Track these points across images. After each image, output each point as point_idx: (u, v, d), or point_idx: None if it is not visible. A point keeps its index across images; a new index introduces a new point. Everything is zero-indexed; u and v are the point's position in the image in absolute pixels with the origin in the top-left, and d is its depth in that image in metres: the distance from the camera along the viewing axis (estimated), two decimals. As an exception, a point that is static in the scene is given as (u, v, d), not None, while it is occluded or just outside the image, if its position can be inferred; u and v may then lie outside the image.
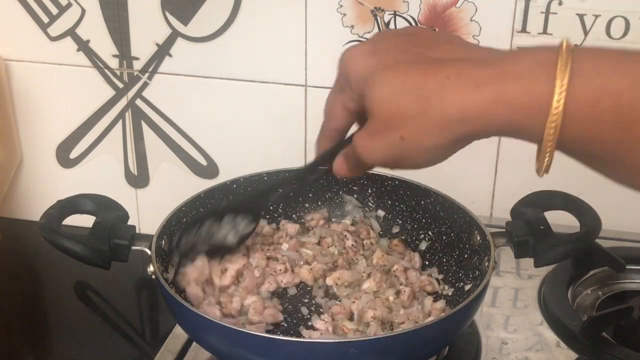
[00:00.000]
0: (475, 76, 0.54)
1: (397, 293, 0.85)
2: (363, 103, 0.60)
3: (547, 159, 0.54)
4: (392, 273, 0.88)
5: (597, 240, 0.84)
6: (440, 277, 0.90)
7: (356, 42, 1.01)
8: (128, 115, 1.13)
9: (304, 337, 0.79)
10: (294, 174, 0.80)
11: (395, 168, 0.62)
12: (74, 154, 1.17)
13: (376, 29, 1.00)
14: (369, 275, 0.87)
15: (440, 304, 0.84)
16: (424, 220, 0.93)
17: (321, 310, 0.84)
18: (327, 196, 0.98)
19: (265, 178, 0.95)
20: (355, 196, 0.97)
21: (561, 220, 0.83)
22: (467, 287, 0.85)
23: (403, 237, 0.95)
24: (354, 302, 0.82)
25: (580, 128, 0.51)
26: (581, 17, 0.95)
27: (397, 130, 0.57)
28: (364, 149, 0.61)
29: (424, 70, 0.56)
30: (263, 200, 0.84)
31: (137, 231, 0.82)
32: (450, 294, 0.87)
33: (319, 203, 0.98)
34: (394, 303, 0.83)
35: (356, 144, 0.61)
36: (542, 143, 0.53)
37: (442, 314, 0.81)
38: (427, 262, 0.92)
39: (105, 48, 1.09)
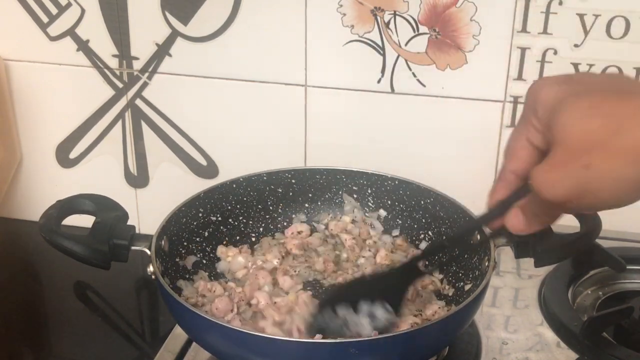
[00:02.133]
0: None
1: None
2: (548, 136, 0.57)
3: None
4: None
5: (597, 240, 0.83)
6: (440, 277, 0.90)
7: (357, 42, 1.02)
8: (128, 115, 1.13)
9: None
10: (454, 236, 0.71)
11: (580, 207, 0.58)
12: (73, 154, 1.17)
13: (376, 29, 1.00)
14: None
15: (440, 303, 0.84)
16: (423, 220, 0.94)
17: None
18: (327, 196, 0.98)
19: (265, 178, 0.96)
20: (355, 196, 0.97)
21: (561, 221, 0.83)
22: (467, 287, 0.85)
23: (403, 237, 0.95)
24: None
25: None
26: (581, 17, 0.95)
27: (583, 157, 0.54)
28: (543, 182, 0.56)
29: (616, 98, 0.54)
30: (409, 280, 0.76)
31: (137, 231, 0.82)
32: (450, 294, 0.87)
33: (319, 203, 0.98)
34: None
35: (535, 177, 0.57)
36: None
37: (442, 313, 0.81)
38: (427, 262, 0.92)
39: (105, 48, 1.09)
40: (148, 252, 0.80)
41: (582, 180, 0.54)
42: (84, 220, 0.83)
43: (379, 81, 1.03)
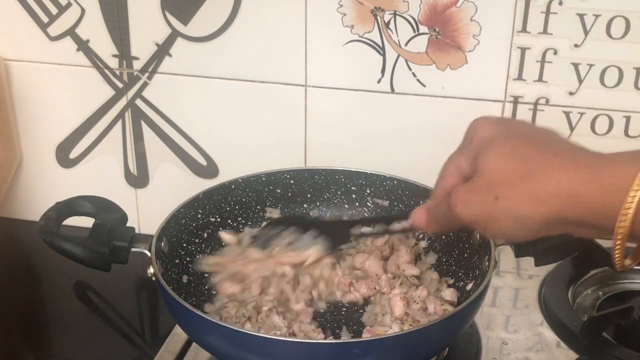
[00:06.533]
0: (579, 159, 0.60)
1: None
2: (474, 166, 0.66)
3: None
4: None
5: (597, 240, 0.83)
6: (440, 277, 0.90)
7: (357, 42, 1.02)
8: (128, 115, 1.13)
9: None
10: (380, 216, 0.87)
11: (485, 231, 0.66)
12: (73, 154, 1.17)
13: (376, 29, 1.00)
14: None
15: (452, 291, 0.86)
16: (423, 220, 0.93)
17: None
18: (325, 196, 0.98)
19: (264, 179, 0.96)
20: (354, 196, 0.97)
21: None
22: (468, 287, 0.85)
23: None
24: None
25: None
26: (581, 16, 0.95)
27: (495, 190, 0.62)
28: (459, 201, 0.65)
29: (536, 146, 0.63)
30: (345, 231, 0.87)
31: (137, 231, 0.82)
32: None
33: (317, 204, 0.98)
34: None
35: (453, 196, 0.66)
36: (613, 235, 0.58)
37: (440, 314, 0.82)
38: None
39: (105, 48, 1.09)
40: (148, 253, 0.80)
41: (490, 208, 0.62)
42: (84, 220, 0.83)
43: (379, 81, 1.03)
